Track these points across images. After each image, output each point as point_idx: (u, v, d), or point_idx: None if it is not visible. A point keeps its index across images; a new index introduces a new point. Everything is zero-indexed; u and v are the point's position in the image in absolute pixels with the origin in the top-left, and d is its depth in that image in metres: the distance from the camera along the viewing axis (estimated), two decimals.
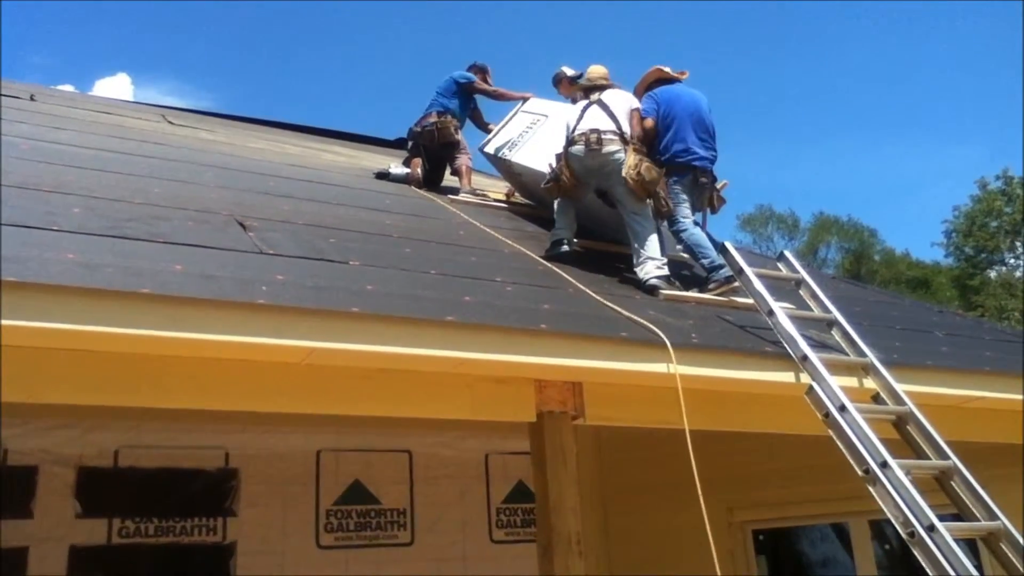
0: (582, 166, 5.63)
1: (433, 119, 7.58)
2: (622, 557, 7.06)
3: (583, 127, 5.62)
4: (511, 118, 7.64)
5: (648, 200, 5.54)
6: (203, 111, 13.23)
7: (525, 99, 7.73)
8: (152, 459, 5.94)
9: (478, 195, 7.54)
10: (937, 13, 66.07)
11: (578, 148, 5.58)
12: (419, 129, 7.66)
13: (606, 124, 5.59)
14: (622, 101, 5.85)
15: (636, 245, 5.48)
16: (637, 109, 5.85)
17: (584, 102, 5.89)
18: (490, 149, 7.55)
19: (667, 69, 6.24)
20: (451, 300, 3.92)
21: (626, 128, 5.65)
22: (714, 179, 5.89)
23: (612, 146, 5.51)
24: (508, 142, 7.35)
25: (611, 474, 7.34)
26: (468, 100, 7.82)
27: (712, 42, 70.57)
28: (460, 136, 7.66)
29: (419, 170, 7.62)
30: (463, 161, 7.64)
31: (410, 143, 7.88)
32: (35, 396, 3.22)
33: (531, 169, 6.83)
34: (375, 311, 3.48)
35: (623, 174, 5.42)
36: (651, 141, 5.82)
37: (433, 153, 7.69)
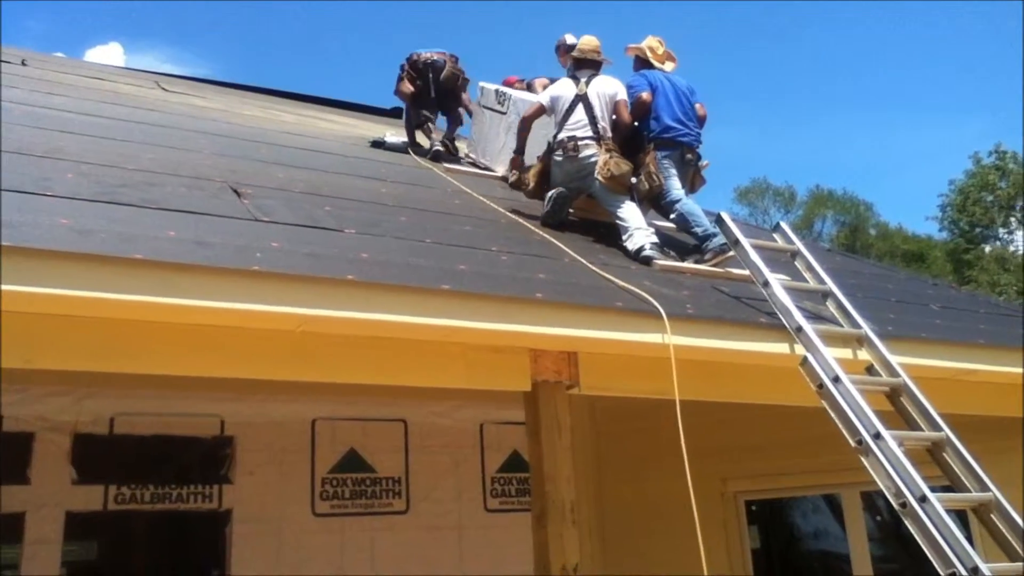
0: (562, 171, 5.87)
1: (450, 61, 7.55)
2: (615, 526, 7.11)
3: (564, 135, 5.83)
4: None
5: (627, 190, 5.71)
6: (197, 78, 13.15)
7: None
8: (148, 426, 5.95)
9: (481, 166, 7.56)
10: None
11: (559, 155, 5.87)
12: (434, 57, 7.52)
13: (584, 130, 5.81)
14: (607, 93, 5.95)
15: (621, 224, 5.62)
16: (624, 100, 5.97)
17: (572, 93, 5.94)
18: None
19: (659, 50, 6.32)
20: (446, 269, 3.91)
21: (604, 124, 5.83)
22: (699, 157, 6.05)
23: (588, 150, 5.79)
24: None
25: (606, 444, 7.38)
26: None
27: (712, 14, 70.05)
28: (466, 95, 7.77)
29: (413, 87, 7.47)
30: (460, 115, 7.81)
31: (409, 68, 7.55)
32: (29, 362, 3.20)
33: (524, 100, 7.04)
34: (370, 279, 3.47)
35: (595, 174, 5.69)
36: (645, 115, 5.97)
37: (437, 88, 7.53)
